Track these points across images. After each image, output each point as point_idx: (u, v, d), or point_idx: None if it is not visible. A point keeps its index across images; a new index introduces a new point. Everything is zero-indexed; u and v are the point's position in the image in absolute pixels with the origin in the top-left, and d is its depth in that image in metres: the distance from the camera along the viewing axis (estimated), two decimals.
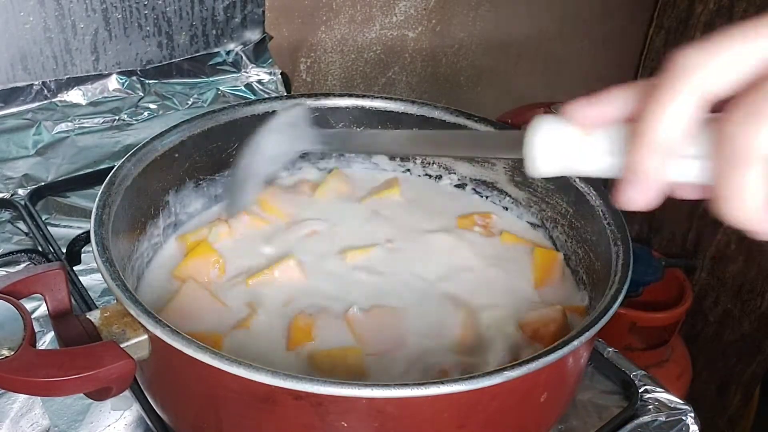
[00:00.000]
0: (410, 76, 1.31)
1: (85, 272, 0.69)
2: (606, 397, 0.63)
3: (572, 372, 0.51)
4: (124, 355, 0.43)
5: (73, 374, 0.41)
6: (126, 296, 0.45)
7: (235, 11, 0.99)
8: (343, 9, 1.16)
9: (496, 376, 0.42)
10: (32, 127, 0.87)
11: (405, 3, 1.22)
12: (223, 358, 0.41)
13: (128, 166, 0.58)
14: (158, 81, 0.96)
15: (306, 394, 0.41)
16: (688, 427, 0.60)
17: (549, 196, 0.66)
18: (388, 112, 0.71)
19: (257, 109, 0.68)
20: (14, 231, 0.75)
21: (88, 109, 0.91)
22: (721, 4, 1.56)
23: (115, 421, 0.57)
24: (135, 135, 0.90)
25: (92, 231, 0.51)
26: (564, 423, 0.60)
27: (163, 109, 0.94)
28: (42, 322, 0.63)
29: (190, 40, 0.97)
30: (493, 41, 1.40)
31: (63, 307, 0.47)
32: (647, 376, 0.64)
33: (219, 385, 0.44)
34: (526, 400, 0.48)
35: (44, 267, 0.47)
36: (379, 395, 0.41)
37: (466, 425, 0.45)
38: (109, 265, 0.48)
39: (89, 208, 0.68)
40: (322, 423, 0.43)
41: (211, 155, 0.67)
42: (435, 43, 1.31)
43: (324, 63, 1.19)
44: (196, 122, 0.64)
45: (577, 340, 0.45)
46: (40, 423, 0.56)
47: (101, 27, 0.89)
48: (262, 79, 1.01)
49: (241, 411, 0.45)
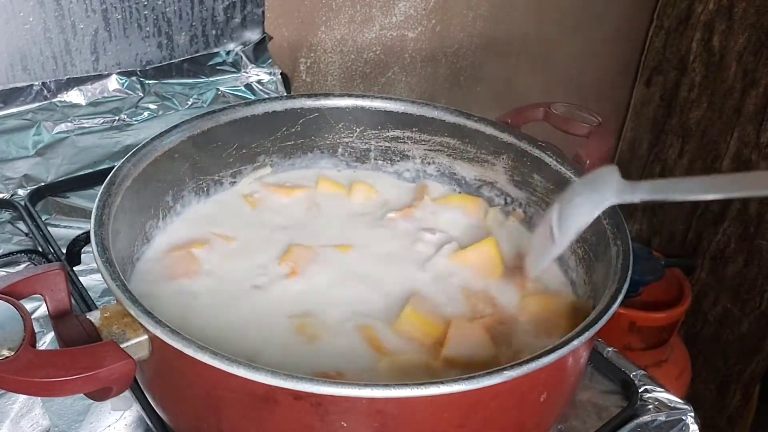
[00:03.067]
0: (410, 76, 1.31)
1: (85, 272, 0.69)
2: (606, 396, 0.63)
3: (572, 372, 0.51)
4: (124, 356, 0.43)
5: (73, 374, 0.41)
6: (126, 296, 0.45)
7: (235, 11, 0.99)
8: (342, 9, 1.16)
9: (496, 376, 0.42)
10: (32, 128, 0.87)
11: (405, 3, 1.22)
12: (223, 358, 0.41)
13: (128, 166, 0.58)
14: (158, 81, 0.96)
15: (306, 394, 0.41)
16: (688, 426, 0.60)
17: (549, 196, 0.66)
18: (388, 112, 0.71)
19: (257, 109, 0.68)
20: (14, 231, 0.75)
21: (88, 110, 0.91)
22: (721, 3, 1.56)
23: (115, 421, 0.57)
24: (135, 135, 0.90)
25: (92, 231, 0.51)
26: (564, 423, 0.60)
27: (163, 110, 0.94)
28: (42, 322, 0.63)
29: (190, 41, 0.97)
30: (493, 41, 1.40)
31: (63, 307, 0.47)
32: (647, 376, 0.64)
33: (219, 385, 0.44)
34: (526, 400, 0.48)
35: (44, 267, 0.47)
36: (379, 395, 0.41)
37: (466, 425, 0.45)
38: (109, 265, 0.48)
39: (89, 208, 0.68)
40: (322, 423, 0.43)
41: (211, 155, 0.67)
42: (435, 43, 1.31)
43: (324, 63, 1.19)
44: (196, 122, 0.64)
45: (577, 340, 0.45)
46: (40, 423, 0.56)
47: (101, 27, 0.89)
48: (262, 80, 1.01)
49: (241, 411, 0.45)
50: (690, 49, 1.64)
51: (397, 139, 0.72)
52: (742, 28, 1.54)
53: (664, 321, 1.39)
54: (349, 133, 0.73)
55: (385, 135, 0.72)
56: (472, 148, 0.70)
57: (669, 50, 1.68)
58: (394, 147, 0.73)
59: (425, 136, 0.71)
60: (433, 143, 0.72)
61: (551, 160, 0.65)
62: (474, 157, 0.71)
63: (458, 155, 0.72)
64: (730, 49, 1.57)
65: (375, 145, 0.73)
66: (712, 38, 1.60)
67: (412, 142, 0.72)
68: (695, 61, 1.64)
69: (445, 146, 0.71)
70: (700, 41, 1.62)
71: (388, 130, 0.72)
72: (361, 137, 0.73)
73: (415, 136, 0.72)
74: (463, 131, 0.70)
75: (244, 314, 0.58)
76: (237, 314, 0.58)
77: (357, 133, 0.73)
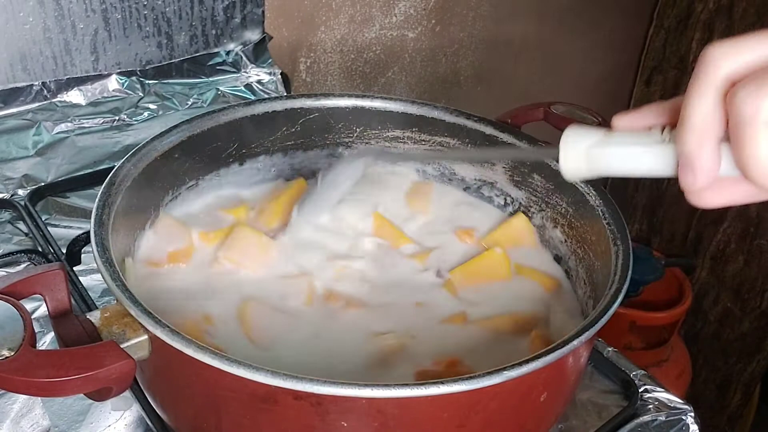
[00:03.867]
0: (410, 76, 1.31)
1: (85, 272, 0.69)
2: (606, 396, 0.63)
3: (572, 371, 0.51)
4: (124, 356, 0.43)
5: (73, 374, 0.41)
6: (126, 296, 0.45)
7: (235, 11, 0.99)
8: (342, 9, 1.16)
9: (495, 376, 0.42)
10: (32, 128, 0.87)
11: (405, 3, 1.22)
12: (223, 358, 0.41)
13: (128, 166, 0.58)
14: (158, 81, 0.96)
15: (306, 394, 0.41)
16: (688, 426, 0.60)
17: (549, 196, 0.66)
18: (388, 112, 0.71)
19: (257, 109, 0.68)
20: (14, 231, 0.75)
21: (88, 110, 0.91)
22: (720, 3, 1.56)
23: (115, 421, 0.57)
24: (135, 135, 0.90)
25: (92, 231, 0.51)
26: (564, 422, 0.60)
27: (163, 109, 0.94)
28: (42, 322, 0.63)
29: (190, 41, 0.97)
30: (493, 41, 1.40)
31: (63, 307, 0.47)
32: (647, 376, 0.64)
33: (219, 385, 0.44)
34: (526, 400, 0.48)
35: (44, 267, 0.47)
36: (379, 395, 0.41)
37: (466, 425, 0.45)
38: (109, 266, 0.48)
39: (89, 208, 0.68)
40: (322, 423, 0.43)
41: (211, 155, 0.67)
42: (435, 43, 1.31)
43: (324, 63, 1.19)
44: (196, 122, 0.64)
45: (577, 340, 0.45)
46: (40, 423, 0.56)
47: (101, 27, 0.89)
48: (262, 80, 1.01)
49: (241, 411, 0.45)
50: (690, 48, 1.64)
51: (397, 139, 0.72)
52: (742, 28, 1.54)
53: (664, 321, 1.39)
54: (349, 133, 0.73)
55: (385, 135, 0.72)
56: (472, 148, 0.70)
57: (669, 50, 1.68)
58: (394, 147, 0.73)
59: (425, 136, 0.71)
60: (433, 143, 0.72)
61: (551, 160, 0.65)
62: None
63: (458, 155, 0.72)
64: None
65: (375, 145, 0.73)
66: (712, 38, 1.60)
67: (412, 142, 0.72)
68: (695, 60, 1.64)
69: (445, 146, 0.71)
70: (700, 41, 1.62)
71: (388, 130, 0.72)
72: (361, 137, 0.73)
73: (415, 136, 0.72)
74: (463, 131, 0.70)
75: None
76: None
77: (357, 133, 0.72)
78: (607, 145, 0.44)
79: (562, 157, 0.46)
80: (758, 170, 0.37)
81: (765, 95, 0.36)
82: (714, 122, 0.38)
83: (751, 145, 0.36)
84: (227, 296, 0.59)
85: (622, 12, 1.63)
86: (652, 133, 0.43)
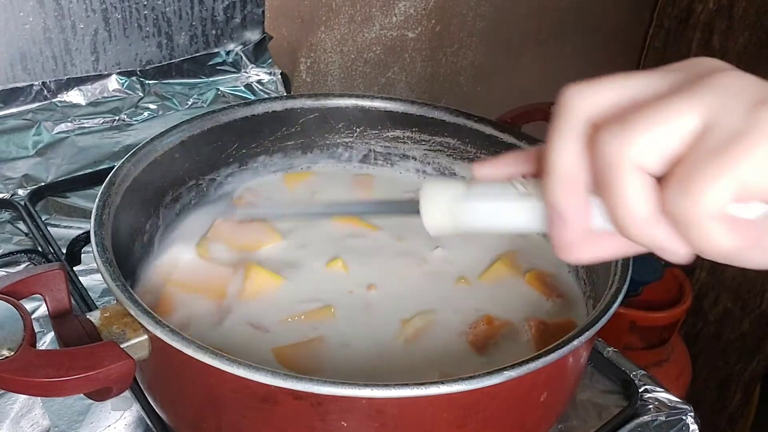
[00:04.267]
0: (410, 76, 1.31)
1: (85, 272, 0.69)
2: (606, 396, 0.63)
3: (572, 371, 0.51)
4: (124, 356, 0.43)
5: (73, 374, 0.41)
6: (126, 296, 0.45)
7: (235, 11, 0.99)
8: (342, 9, 1.16)
9: (496, 376, 0.42)
10: (32, 128, 0.87)
11: (405, 3, 1.22)
12: (223, 358, 0.41)
13: (128, 166, 0.58)
14: (158, 81, 0.96)
15: (306, 394, 0.41)
16: (688, 426, 0.60)
17: None
18: (388, 112, 0.71)
19: (257, 109, 0.68)
20: (14, 231, 0.75)
21: (88, 110, 0.91)
22: (720, 3, 1.56)
23: (115, 421, 0.57)
24: (135, 135, 0.90)
25: (92, 231, 0.51)
26: (564, 422, 0.60)
27: (163, 110, 0.94)
28: (42, 322, 0.63)
29: (190, 41, 0.97)
30: (493, 41, 1.40)
31: (63, 307, 0.47)
32: (647, 376, 0.64)
33: (219, 385, 0.44)
34: (526, 400, 0.48)
35: (44, 267, 0.47)
36: (379, 395, 0.41)
37: (466, 425, 0.45)
38: (109, 265, 0.48)
39: (89, 208, 0.68)
40: (322, 423, 0.43)
41: (211, 155, 0.67)
42: (435, 43, 1.31)
43: (324, 63, 1.19)
44: (196, 122, 0.64)
45: (577, 340, 0.45)
46: (40, 423, 0.56)
47: (101, 27, 0.89)
48: (262, 80, 1.01)
49: (241, 411, 0.45)
50: (690, 49, 1.64)
51: (397, 139, 0.72)
52: (742, 28, 1.54)
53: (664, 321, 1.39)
54: (349, 133, 0.73)
55: (385, 135, 0.72)
56: (472, 148, 0.70)
57: (669, 50, 1.68)
58: (394, 147, 0.73)
59: (425, 136, 0.71)
60: (433, 143, 0.72)
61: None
62: (474, 157, 0.71)
63: (458, 155, 0.71)
64: (730, 49, 1.57)
65: (375, 145, 0.73)
66: (712, 38, 1.60)
67: (412, 142, 0.72)
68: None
69: (445, 146, 0.71)
70: (700, 41, 1.62)
71: (388, 130, 0.72)
72: (361, 137, 0.73)
73: (415, 136, 0.72)
74: (463, 131, 0.70)
75: None
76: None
77: (357, 133, 0.73)
78: (468, 199, 0.40)
79: (423, 214, 0.42)
80: (628, 220, 0.33)
81: (630, 137, 0.32)
82: (579, 170, 0.35)
83: (619, 192, 0.33)
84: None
85: (622, 12, 1.63)
86: (516, 184, 0.39)
